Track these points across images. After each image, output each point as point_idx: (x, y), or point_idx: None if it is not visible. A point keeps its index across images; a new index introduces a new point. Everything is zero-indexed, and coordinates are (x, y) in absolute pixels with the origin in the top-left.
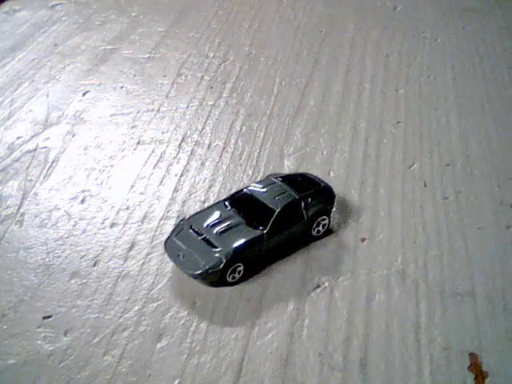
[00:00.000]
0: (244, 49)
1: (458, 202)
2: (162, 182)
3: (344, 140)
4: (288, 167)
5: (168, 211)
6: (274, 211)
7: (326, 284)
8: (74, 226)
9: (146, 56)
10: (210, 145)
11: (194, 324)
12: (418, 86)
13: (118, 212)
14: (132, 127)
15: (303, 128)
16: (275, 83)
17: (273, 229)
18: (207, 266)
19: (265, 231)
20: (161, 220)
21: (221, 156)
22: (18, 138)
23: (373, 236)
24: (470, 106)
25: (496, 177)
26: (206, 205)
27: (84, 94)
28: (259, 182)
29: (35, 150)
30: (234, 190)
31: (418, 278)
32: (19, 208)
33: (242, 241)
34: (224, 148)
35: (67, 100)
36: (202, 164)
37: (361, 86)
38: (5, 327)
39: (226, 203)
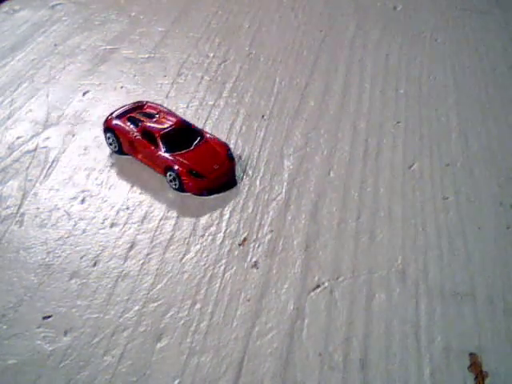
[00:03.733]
0: (244, 49)
1: (458, 202)
2: (162, 182)
3: (344, 140)
4: (288, 167)
5: (168, 211)
6: None
7: (326, 284)
8: (74, 225)
9: (146, 56)
10: None
11: (194, 324)
12: (418, 86)
13: (117, 212)
14: None
15: (303, 128)
16: (275, 83)
17: None
18: None
19: None
20: (161, 220)
21: None
22: (18, 137)
23: (373, 236)
24: (470, 105)
25: (496, 177)
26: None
27: (84, 94)
28: None
29: (35, 149)
30: (233, 191)
31: (418, 278)
32: (19, 208)
33: None
34: None
35: (67, 100)
36: None
37: (361, 86)
38: (5, 327)
39: None
